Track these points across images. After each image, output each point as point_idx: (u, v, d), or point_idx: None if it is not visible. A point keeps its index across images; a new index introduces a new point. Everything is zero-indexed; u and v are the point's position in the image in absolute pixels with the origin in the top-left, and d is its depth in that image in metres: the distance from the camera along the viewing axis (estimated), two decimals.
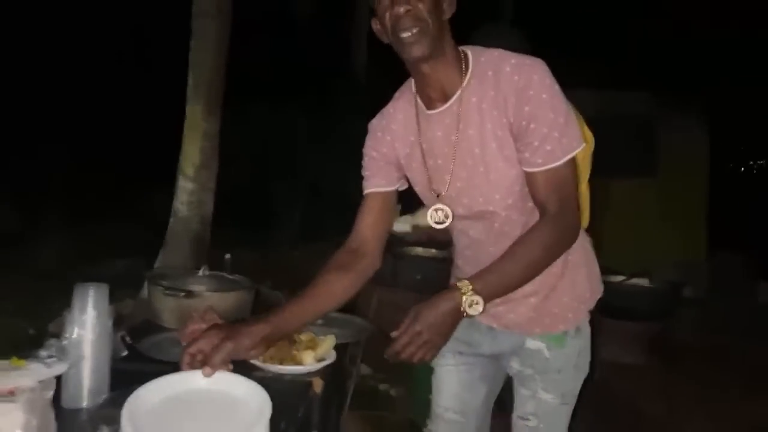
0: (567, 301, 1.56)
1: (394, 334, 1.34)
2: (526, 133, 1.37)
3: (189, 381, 1.26)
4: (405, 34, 1.34)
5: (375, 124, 1.65)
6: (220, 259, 2.22)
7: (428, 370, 3.09)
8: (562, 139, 1.36)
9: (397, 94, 1.62)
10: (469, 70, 1.43)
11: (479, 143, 1.44)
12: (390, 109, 1.62)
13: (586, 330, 1.63)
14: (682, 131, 7.45)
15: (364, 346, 3.40)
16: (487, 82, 1.41)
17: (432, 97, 1.48)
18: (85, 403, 1.33)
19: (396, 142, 1.60)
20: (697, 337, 4.76)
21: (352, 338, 2.03)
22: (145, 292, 3.69)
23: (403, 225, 2.16)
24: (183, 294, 1.97)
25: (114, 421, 1.18)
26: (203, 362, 1.30)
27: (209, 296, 1.98)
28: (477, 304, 1.32)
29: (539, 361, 1.59)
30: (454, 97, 1.45)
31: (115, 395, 1.30)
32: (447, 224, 1.55)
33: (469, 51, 1.46)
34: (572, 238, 1.44)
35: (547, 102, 1.36)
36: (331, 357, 1.70)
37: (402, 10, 1.32)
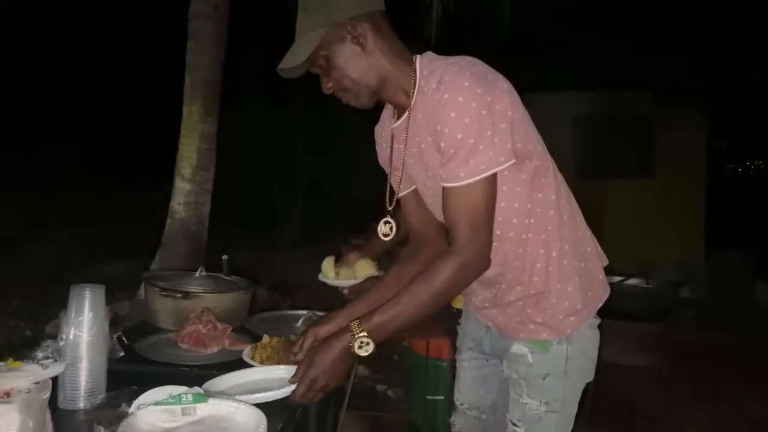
0: (551, 313, 1.49)
1: (291, 380, 1.38)
2: (440, 151, 1.36)
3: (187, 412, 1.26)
4: (344, 101, 1.48)
5: (375, 131, 1.71)
6: (218, 260, 2.21)
7: (424, 371, 3.10)
8: (470, 159, 1.31)
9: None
10: (416, 87, 1.43)
11: (421, 160, 1.47)
12: (383, 115, 1.66)
13: (581, 336, 1.53)
14: (681, 132, 7.46)
15: None
16: (426, 98, 1.40)
17: (398, 111, 1.52)
18: (81, 404, 1.32)
19: (384, 150, 1.65)
20: (696, 337, 4.76)
21: None
22: (141, 293, 3.69)
23: (343, 280, 2.07)
24: (180, 295, 1.96)
25: (110, 422, 1.17)
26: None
27: (206, 297, 1.97)
28: (367, 344, 1.36)
29: (523, 366, 1.54)
30: (405, 114, 1.47)
31: (112, 396, 1.30)
32: (391, 237, 1.58)
33: (418, 64, 1.44)
34: (480, 269, 1.39)
35: (456, 121, 1.31)
36: None
37: (328, 87, 1.46)
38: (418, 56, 1.46)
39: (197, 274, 2.12)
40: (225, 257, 2.18)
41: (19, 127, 8.66)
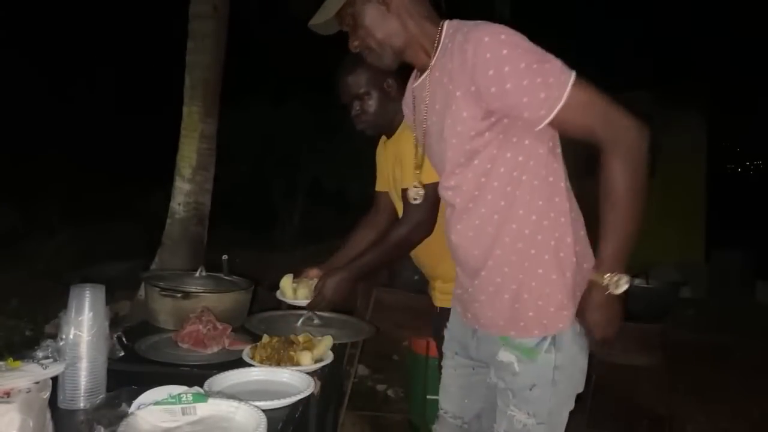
0: (543, 305, 1.43)
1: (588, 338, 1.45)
2: (506, 95, 1.30)
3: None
4: (369, 60, 1.55)
5: (406, 93, 1.74)
6: (218, 260, 2.21)
7: (424, 371, 3.10)
8: (549, 79, 1.28)
9: None
10: (440, 46, 1.45)
11: (441, 119, 1.46)
12: (408, 86, 1.70)
13: (569, 344, 1.45)
14: (681, 132, 7.46)
15: (362, 347, 3.41)
16: (448, 55, 1.41)
17: (420, 71, 1.55)
18: (81, 404, 1.32)
19: (407, 114, 1.73)
20: (696, 337, 4.77)
21: (350, 339, 2.02)
22: (142, 293, 3.69)
23: (301, 300, 2.06)
24: (180, 295, 1.96)
25: (110, 422, 1.17)
26: None
27: (206, 297, 1.97)
28: (619, 279, 1.36)
29: (509, 375, 1.47)
30: (426, 73, 1.50)
31: (112, 396, 1.30)
32: (419, 202, 1.62)
33: (446, 26, 1.46)
34: (644, 145, 1.31)
35: (511, 56, 1.29)
36: (329, 358, 1.69)
37: (354, 46, 1.51)
38: (447, 21, 1.47)
39: (197, 274, 2.12)
40: (225, 257, 2.18)
41: (19, 127, 8.66)
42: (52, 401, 1.20)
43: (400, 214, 2.05)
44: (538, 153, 1.39)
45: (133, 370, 1.57)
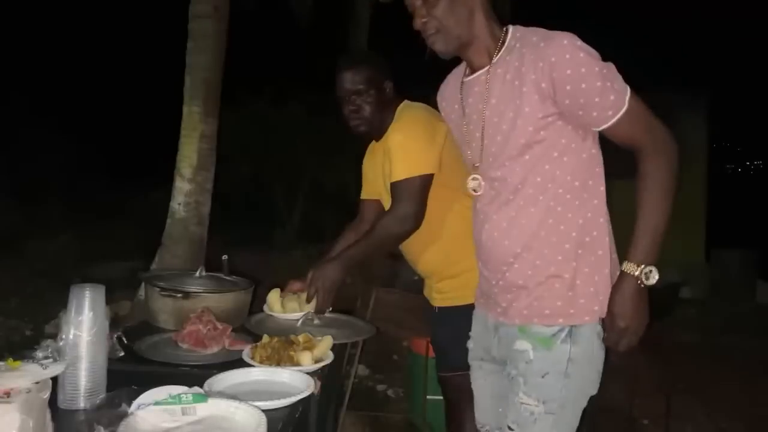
0: (572, 295, 1.47)
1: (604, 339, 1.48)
2: (580, 93, 1.40)
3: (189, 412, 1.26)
4: (429, 40, 1.54)
5: (438, 93, 1.79)
6: (218, 260, 2.21)
7: (424, 371, 3.10)
8: (615, 85, 1.41)
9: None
10: (504, 46, 1.51)
11: (498, 113, 1.50)
12: (450, 74, 1.75)
13: (587, 340, 1.48)
14: (681, 132, 7.45)
15: (362, 347, 3.41)
16: (514, 54, 1.48)
17: (473, 67, 1.59)
18: (81, 404, 1.32)
19: (447, 107, 1.74)
20: (696, 337, 4.77)
21: (350, 339, 2.01)
22: (141, 293, 3.69)
23: (289, 314, 2.04)
24: (180, 295, 1.96)
25: (110, 422, 1.17)
26: None
27: (206, 297, 1.97)
28: (651, 271, 1.41)
29: (522, 363, 1.49)
30: (484, 69, 1.54)
31: (112, 396, 1.30)
32: (480, 194, 1.59)
33: (512, 29, 1.54)
34: (677, 155, 1.46)
35: (588, 60, 1.40)
36: (329, 358, 1.69)
37: (422, 23, 1.52)
38: (512, 25, 1.55)
39: (197, 274, 2.12)
40: (225, 257, 2.18)
41: (19, 129, 8.66)
42: (52, 401, 1.19)
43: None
44: (581, 157, 1.48)
45: (133, 370, 1.57)
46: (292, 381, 1.52)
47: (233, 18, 4.19)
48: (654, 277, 1.41)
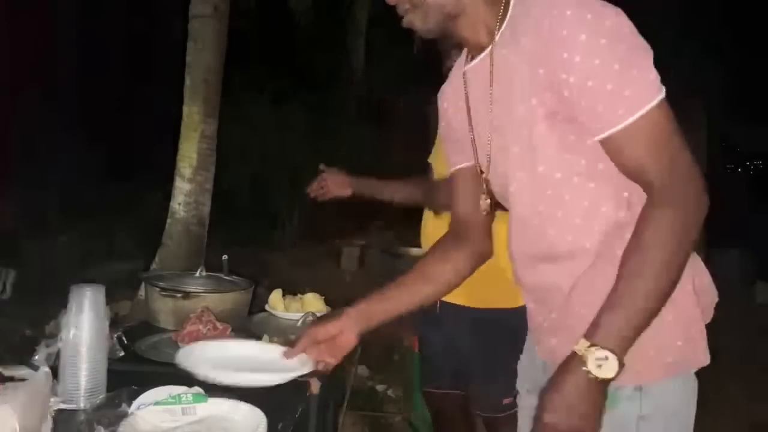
0: (637, 347, 1.04)
1: None
2: (582, 88, 1.04)
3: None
4: (406, 19, 1.20)
5: (439, 92, 1.45)
6: (218, 260, 2.21)
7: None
8: (625, 91, 1.02)
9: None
10: (507, 18, 1.17)
11: (506, 105, 1.18)
12: (453, 70, 1.40)
13: (663, 388, 1.13)
14: (681, 132, 7.45)
15: (362, 347, 3.41)
16: (519, 30, 1.13)
17: (472, 51, 1.27)
18: (81, 404, 1.32)
19: (450, 108, 1.40)
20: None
21: None
22: (141, 293, 3.69)
23: (292, 314, 2.04)
24: (180, 295, 1.95)
25: (111, 422, 1.17)
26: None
27: (206, 297, 1.97)
28: (606, 359, 1.00)
29: None
30: (486, 51, 1.21)
31: (112, 396, 1.30)
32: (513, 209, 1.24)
33: (513, 2, 1.18)
34: (699, 215, 1.06)
35: (604, 45, 1.02)
36: None
37: None
38: None
39: (197, 274, 2.12)
40: (225, 257, 2.18)
41: (19, 129, 8.66)
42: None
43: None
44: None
45: (133, 370, 1.57)
46: (283, 359, 1.40)
47: (233, 18, 4.19)
48: (610, 369, 1.00)
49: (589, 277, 1.14)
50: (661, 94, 1.04)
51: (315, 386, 1.50)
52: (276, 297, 2.11)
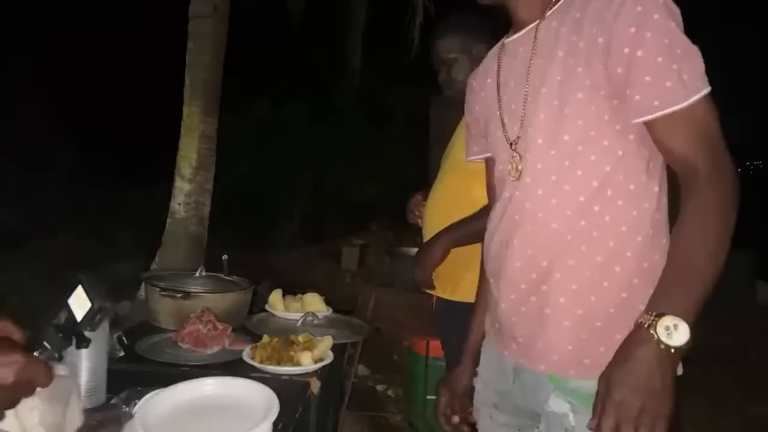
0: (619, 338, 1.04)
1: (590, 425, 0.99)
2: (630, 64, 1.04)
3: (197, 389, 1.27)
4: None
5: (471, 75, 1.48)
6: (218, 260, 2.21)
7: (424, 371, 3.10)
8: (683, 74, 1.03)
9: None
10: None
11: (542, 76, 1.16)
12: (484, 61, 1.43)
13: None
14: None
15: (362, 347, 3.41)
16: (577, 5, 1.13)
17: (519, 25, 1.28)
18: (82, 405, 1.32)
19: (477, 86, 1.41)
20: (695, 337, 4.76)
21: (350, 339, 2.02)
22: (141, 293, 3.69)
23: (292, 313, 2.05)
24: (180, 295, 1.95)
25: (111, 422, 1.17)
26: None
27: (206, 297, 1.97)
28: (675, 327, 0.97)
29: (561, 430, 1.14)
30: (531, 24, 1.22)
31: (112, 396, 1.30)
32: (522, 181, 1.20)
33: None
34: (738, 198, 1.05)
35: (659, 24, 1.03)
36: (329, 357, 1.69)
37: None
38: None
39: (197, 274, 2.12)
40: (225, 257, 2.18)
41: (19, 129, 8.67)
42: None
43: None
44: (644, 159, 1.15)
45: (133, 370, 1.57)
46: (250, 396, 1.25)
47: (233, 18, 4.19)
48: (682, 337, 0.97)
49: (575, 267, 1.14)
50: (705, 88, 1.07)
51: (315, 386, 1.51)
52: (276, 297, 2.12)
